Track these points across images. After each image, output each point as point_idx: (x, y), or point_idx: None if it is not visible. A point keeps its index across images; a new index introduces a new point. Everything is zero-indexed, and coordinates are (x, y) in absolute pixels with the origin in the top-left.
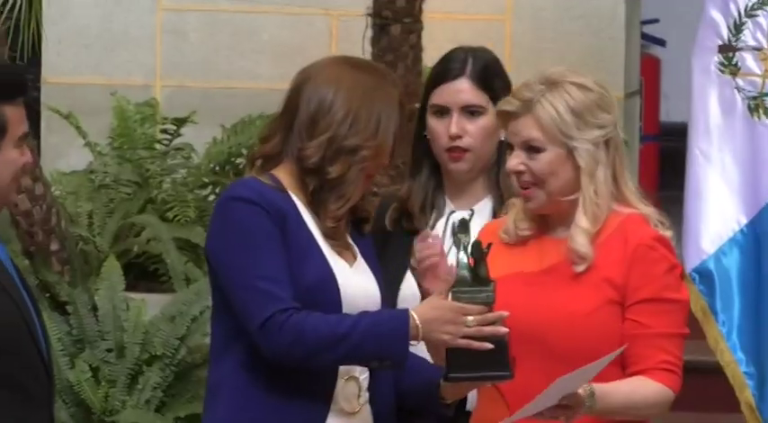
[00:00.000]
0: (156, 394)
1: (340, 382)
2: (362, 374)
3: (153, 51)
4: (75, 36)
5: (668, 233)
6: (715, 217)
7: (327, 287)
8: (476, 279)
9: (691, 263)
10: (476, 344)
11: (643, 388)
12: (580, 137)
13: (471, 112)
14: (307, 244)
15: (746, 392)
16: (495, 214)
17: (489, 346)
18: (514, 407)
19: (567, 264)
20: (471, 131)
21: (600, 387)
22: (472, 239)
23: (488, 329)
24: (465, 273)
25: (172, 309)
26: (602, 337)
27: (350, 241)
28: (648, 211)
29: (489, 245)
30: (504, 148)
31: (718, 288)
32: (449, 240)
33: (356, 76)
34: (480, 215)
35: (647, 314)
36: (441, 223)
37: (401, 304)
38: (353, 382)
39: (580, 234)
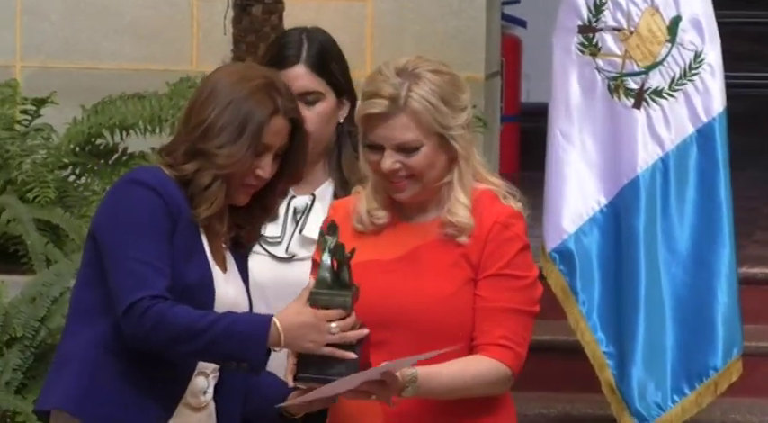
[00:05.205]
0: (17, 376)
1: None
2: (213, 372)
3: (13, 31)
4: None
5: (519, 205)
6: (575, 197)
7: (205, 289)
8: (336, 282)
9: (551, 243)
10: (339, 352)
11: (474, 366)
12: (454, 124)
13: (308, 99)
14: (194, 243)
15: (606, 372)
16: (336, 198)
17: (353, 355)
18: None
19: (426, 247)
20: (309, 118)
21: (424, 369)
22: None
23: (353, 334)
24: (326, 274)
25: (32, 290)
26: (467, 316)
27: (225, 251)
28: (497, 182)
29: (353, 250)
30: (345, 132)
31: (578, 268)
32: (290, 226)
33: (233, 84)
34: (321, 200)
35: (491, 288)
36: (282, 208)
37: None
38: (202, 378)
39: (461, 208)
